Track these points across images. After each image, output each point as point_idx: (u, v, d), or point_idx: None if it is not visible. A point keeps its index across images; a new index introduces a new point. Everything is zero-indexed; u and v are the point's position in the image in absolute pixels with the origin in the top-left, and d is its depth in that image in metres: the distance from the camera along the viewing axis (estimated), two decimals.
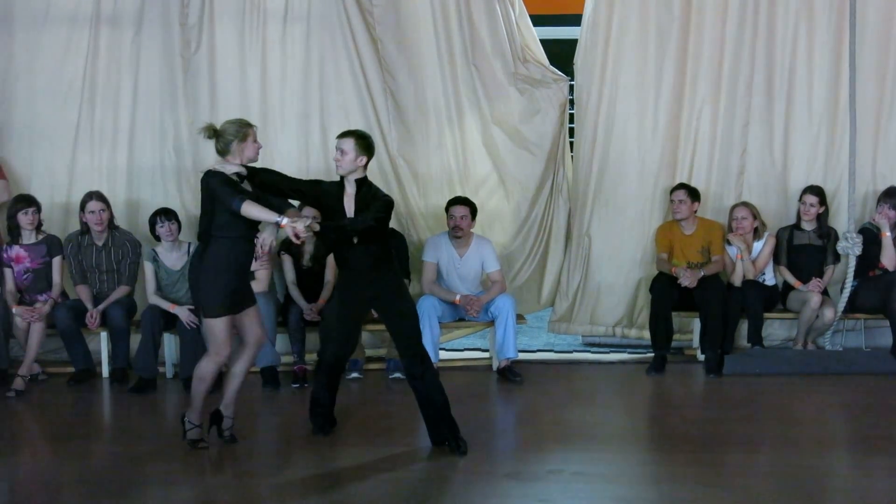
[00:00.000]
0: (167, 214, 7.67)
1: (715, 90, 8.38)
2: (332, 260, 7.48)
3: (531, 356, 8.45)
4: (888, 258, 8.04)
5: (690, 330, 8.33)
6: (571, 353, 8.67)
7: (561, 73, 8.44)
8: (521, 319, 8.02)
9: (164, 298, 7.56)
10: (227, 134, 5.77)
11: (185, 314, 7.37)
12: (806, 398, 7.19)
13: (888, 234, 8.02)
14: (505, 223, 8.54)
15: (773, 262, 8.23)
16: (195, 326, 7.26)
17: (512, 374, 7.66)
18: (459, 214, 7.87)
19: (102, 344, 7.77)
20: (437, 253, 7.95)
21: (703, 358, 7.93)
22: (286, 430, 6.56)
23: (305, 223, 5.56)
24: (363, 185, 5.90)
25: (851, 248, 7.93)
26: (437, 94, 8.36)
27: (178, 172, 8.31)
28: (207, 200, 5.74)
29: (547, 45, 8.58)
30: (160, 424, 6.69)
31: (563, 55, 8.75)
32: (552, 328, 8.69)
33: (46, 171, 8.26)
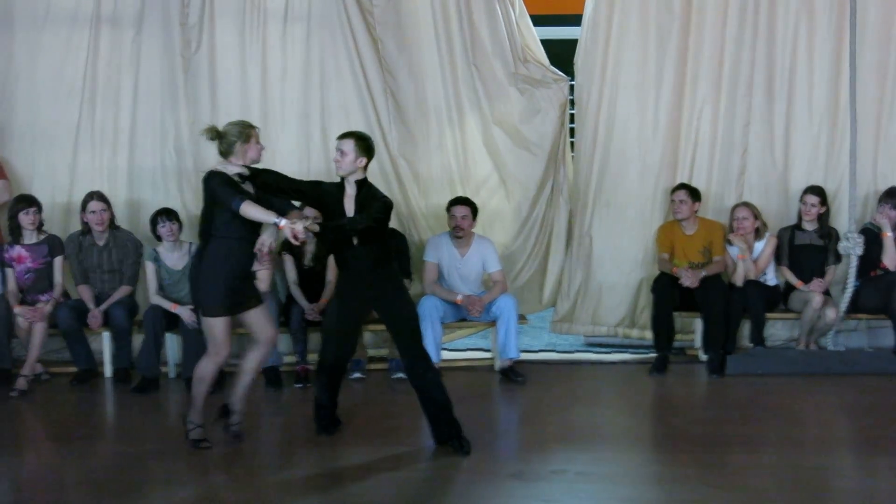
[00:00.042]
0: (168, 214, 7.67)
1: (715, 90, 8.37)
2: (333, 260, 7.48)
3: (533, 356, 8.43)
4: (889, 258, 8.03)
5: (692, 330, 8.33)
6: (573, 353, 8.66)
7: (561, 73, 8.44)
8: (522, 320, 8.02)
9: (165, 298, 7.57)
10: (230, 135, 5.78)
11: (186, 314, 7.37)
12: (808, 398, 7.18)
13: (889, 234, 8.02)
14: (506, 223, 8.54)
15: (774, 262, 8.24)
16: (197, 326, 7.26)
17: (514, 374, 7.66)
18: (460, 214, 7.87)
19: (105, 344, 7.77)
20: (438, 253, 7.95)
21: (705, 358, 7.94)
22: (289, 429, 6.56)
23: (304, 224, 5.56)
24: (363, 186, 5.91)
25: (853, 248, 7.93)
26: (437, 94, 8.36)
27: (178, 172, 8.30)
28: (208, 200, 5.76)
29: (547, 45, 8.57)
30: (163, 424, 6.69)
31: (563, 55, 8.74)
32: (554, 328, 8.69)
33: (47, 171, 8.26)
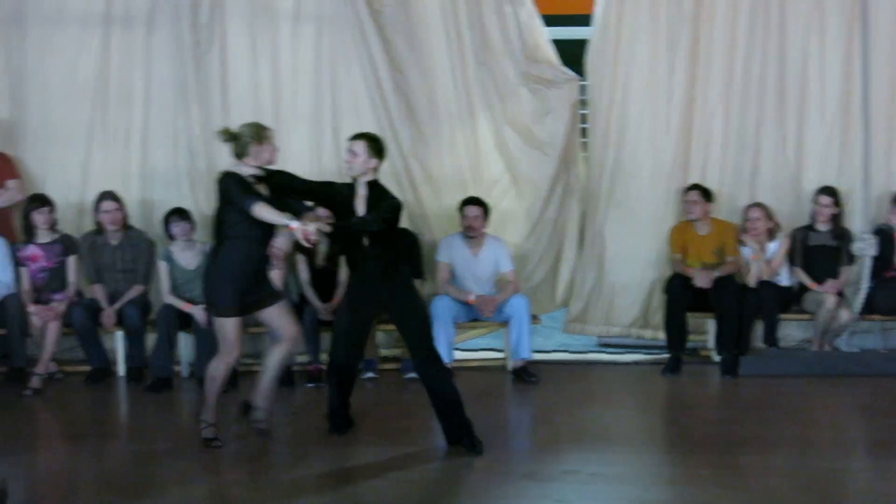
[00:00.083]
0: (181, 214, 7.69)
1: (727, 90, 8.35)
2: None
3: (546, 356, 8.42)
4: None
5: (705, 331, 8.30)
6: (586, 353, 8.64)
7: (572, 72, 8.42)
8: (535, 320, 8.02)
9: (178, 298, 7.58)
10: (244, 137, 5.79)
11: (199, 313, 7.38)
12: (822, 400, 7.16)
13: None
14: (518, 223, 8.53)
15: (788, 262, 8.21)
16: (208, 326, 7.27)
17: (527, 374, 7.65)
18: (472, 214, 7.87)
19: (118, 343, 7.79)
20: (450, 253, 7.95)
21: (718, 359, 7.92)
22: (301, 429, 6.55)
23: (316, 226, 5.57)
24: (374, 186, 5.91)
25: (867, 248, 7.91)
26: (448, 94, 8.36)
27: (191, 172, 8.31)
28: (222, 201, 5.77)
29: (558, 45, 8.55)
30: (175, 423, 6.72)
31: (574, 55, 8.73)
32: (567, 329, 8.67)
33: (60, 170, 8.28)
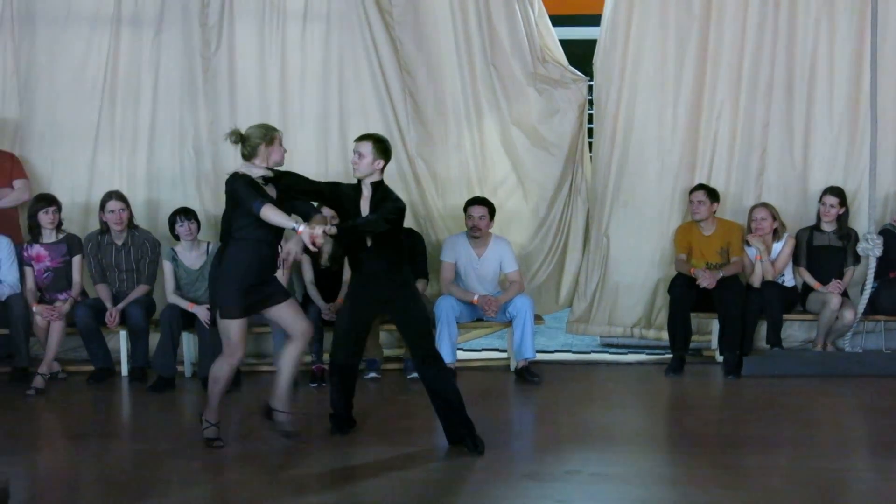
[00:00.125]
0: (187, 214, 7.70)
1: (735, 90, 8.34)
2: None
3: (549, 356, 8.43)
4: None
5: (709, 331, 8.31)
6: (589, 353, 8.64)
7: (580, 73, 8.43)
8: (538, 320, 8.02)
9: (182, 297, 7.60)
10: (253, 138, 5.79)
11: (203, 313, 7.39)
12: (825, 400, 7.15)
13: None
14: (523, 223, 8.53)
15: (792, 263, 8.19)
16: (211, 326, 7.28)
17: (530, 374, 7.65)
18: (478, 214, 7.87)
19: (122, 343, 7.81)
20: (455, 253, 7.95)
21: (721, 359, 7.91)
22: (304, 428, 6.53)
23: (323, 229, 5.59)
24: (378, 188, 5.92)
25: (872, 249, 7.88)
26: (455, 94, 8.37)
27: (197, 172, 8.34)
28: (230, 202, 5.78)
29: (566, 45, 8.56)
30: (178, 423, 6.73)
31: (582, 55, 8.73)
32: (570, 329, 8.67)
33: (67, 170, 8.31)
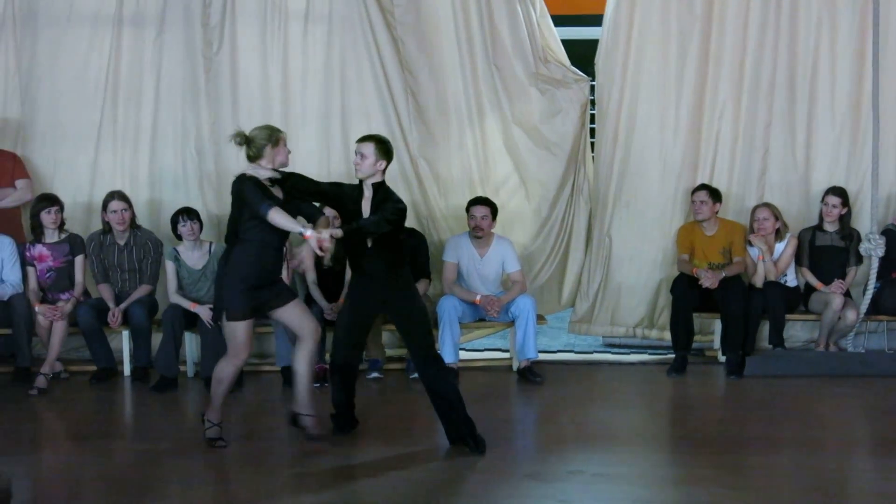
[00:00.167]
0: (189, 214, 7.69)
1: (737, 90, 8.33)
2: None
3: (551, 357, 8.43)
4: None
5: (711, 331, 8.30)
6: (592, 353, 8.64)
7: (582, 73, 8.42)
8: (541, 320, 8.02)
9: (185, 297, 7.59)
10: (259, 139, 5.80)
11: (205, 313, 7.38)
12: (827, 400, 7.15)
13: None
14: (525, 223, 8.53)
15: (794, 263, 8.19)
16: (215, 325, 7.27)
17: (532, 374, 7.64)
18: (480, 214, 7.86)
19: (124, 342, 7.80)
20: (457, 253, 7.95)
21: (724, 359, 7.89)
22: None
23: (330, 232, 5.60)
24: (380, 189, 5.92)
25: (874, 249, 7.88)
26: (457, 94, 8.36)
27: (199, 172, 8.34)
28: (236, 203, 5.78)
29: (568, 45, 8.56)
30: (181, 423, 6.72)
31: (584, 55, 8.73)
32: (572, 329, 8.67)
33: (69, 170, 8.31)
